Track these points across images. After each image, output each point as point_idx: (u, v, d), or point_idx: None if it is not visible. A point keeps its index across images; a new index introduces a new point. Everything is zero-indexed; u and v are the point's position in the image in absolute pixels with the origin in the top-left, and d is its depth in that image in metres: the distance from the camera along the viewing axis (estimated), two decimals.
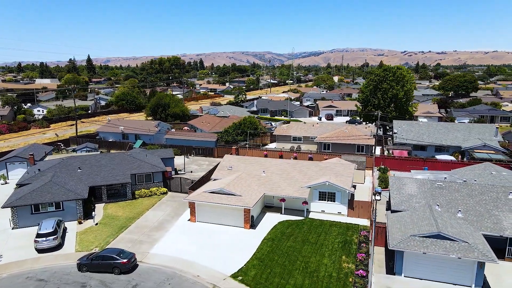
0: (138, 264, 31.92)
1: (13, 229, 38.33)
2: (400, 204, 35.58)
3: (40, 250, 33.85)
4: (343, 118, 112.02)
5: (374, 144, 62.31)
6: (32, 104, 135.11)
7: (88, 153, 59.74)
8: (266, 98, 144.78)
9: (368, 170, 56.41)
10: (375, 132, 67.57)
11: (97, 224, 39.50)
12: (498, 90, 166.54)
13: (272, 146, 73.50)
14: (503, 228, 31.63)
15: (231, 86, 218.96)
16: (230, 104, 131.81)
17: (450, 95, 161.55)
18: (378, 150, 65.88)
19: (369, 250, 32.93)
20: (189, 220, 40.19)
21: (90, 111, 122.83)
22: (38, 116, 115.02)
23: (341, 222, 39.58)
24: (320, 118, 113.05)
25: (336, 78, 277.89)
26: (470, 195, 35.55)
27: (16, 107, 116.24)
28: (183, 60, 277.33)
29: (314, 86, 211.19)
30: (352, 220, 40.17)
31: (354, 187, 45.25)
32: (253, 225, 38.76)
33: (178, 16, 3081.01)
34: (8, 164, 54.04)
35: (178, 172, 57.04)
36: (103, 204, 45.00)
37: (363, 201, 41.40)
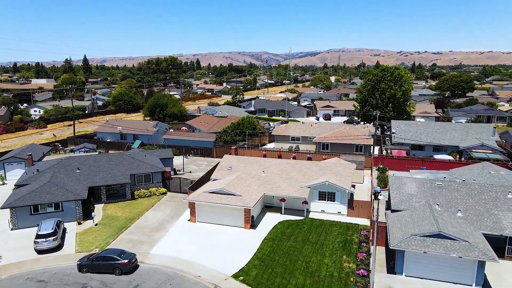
0: (138, 264, 31.85)
1: (12, 230, 38.15)
2: (400, 203, 35.70)
3: (39, 251, 33.69)
4: (341, 118, 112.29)
5: (373, 144, 62.46)
6: (28, 104, 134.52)
7: (86, 153, 59.47)
8: (263, 98, 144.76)
9: (366, 170, 56.59)
10: (374, 132, 67.70)
11: (96, 224, 39.36)
12: (494, 90, 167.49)
13: (270, 146, 73.55)
14: (503, 227, 31.81)
15: (228, 86, 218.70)
16: (227, 104, 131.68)
17: (447, 95, 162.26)
18: (376, 150, 66.07)
19: (369, 250, 33.04)
20: (189, 220, 40.13)
21: (87, 112, 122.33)
22: (35, 116, 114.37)
23: (341, 221, 39.67)
24: (318, 118, 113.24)
25: (333, 78, 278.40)
26: (469, 195, 35.73)
27: (12, 108, 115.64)
28: (180, 60, 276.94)
29: (311, 86, 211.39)
30: (352, 219, 40.26)
31: (353, 187, 45.30)
32: (253, 225, 38.75)
33: (174, 16, 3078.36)
34: (6, 164, 53.71)
35: (177, 172, 56.93)
36: (102, 204, 44.84)
37: (363, 200, 41.49)
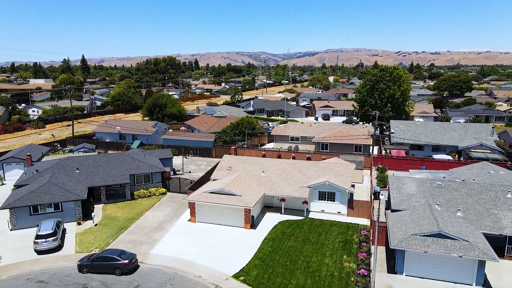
0: (139, 265, 31.79)
1: (11, 230, 38.03)
2: (400, 203, 35.76)
3: (39, 252, 33.59)
4: (340, 118, 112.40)
5: (372, 144, 62.55)
6: (26, 104, 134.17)
7: (85, 153, 59.35)
8: (262, 98, 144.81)
9: (366, 170, 56.66)
10: (373, 132, 67.79)
11: (96, 225, 39.28)
12: (492, 90, 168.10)
13: (270, 146, 73.58)
14: (502, 226, 31.91)
15: (227, 86, 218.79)
16: (226, 104, 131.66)
17: (445, 95, 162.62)
18: (375, 150, 66.15)
19: (369, 250, 33.09)
20: (189, 220, 40.09)
21: (85, 112, 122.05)
22: (33, 116, 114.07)
23: (341, 221, 39.70)
24: (316, 118, 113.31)
25: (331, 78, 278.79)
26: (469, 194, 35.82)
27: (10, 108, 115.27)
28: (178, 60, 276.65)
29: (310, 86, 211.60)
30: (352, 219, 40.30)
31: (353, 187, 45.40)
32: (253, 225, 38.75)
33: (173, 16, 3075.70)
34: (4, 165, 53.53)
35: (176, 172, 56.88)
36: (102, 204, 44.74)
37: (363, 200, 41.53)
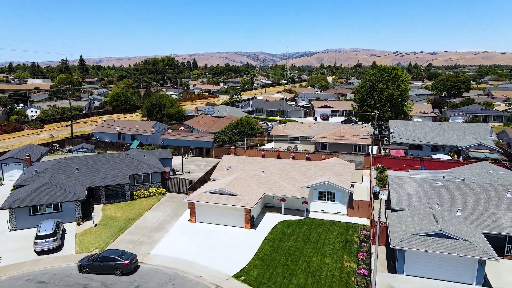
0: (139, 265, 31.75)
1: (11, 231, 37.93)
2: (400, 203, 35.83)
3: (39, 252, 33.52)
4: (338, 118, 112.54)
5: (371, 144, 62.64)
6: (25, 104, 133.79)
7: (84, 154, 59.24)
8: (261, 98, 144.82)
9: (365, 170, 56.73)
10: (372, 132, 67.87)
11: (96, 225, 39.20)
12: (490, 90, 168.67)
13: (269, 146, 73.60)
14: (502, 226, 32.00)
15: (226, 87, 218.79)
16: (225, 104, 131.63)
17: (443, 95, 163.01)
18: (374, 150, 66.23)
19: (370, 249, 33.12)
20: (189, 220, 40.05)
21: (84, 112, 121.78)
22: (32, 116, 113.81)
23: (341, 221, 39.74)
24: (315, 118, 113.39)
25: (330, 78, 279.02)
26: (468, 194, 35.92)
27: (9, 108, 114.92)
28: (177, 60, 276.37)
29: (308, 86, 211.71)
30: (351, 219, 40.34)
31: (353, 187, 45.47)
32: (253, 225, 38.75)
33: (171, 16, 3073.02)
34: (3, 165, 53.37)
35: (176, 172, 56.83)
36: (102, 205, 44.67)
37: (363, 200, 41.59)
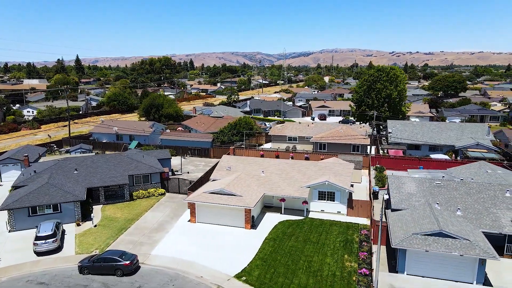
0: (140, 265, 31.67)
1: (10, 232, 37.73)
2: (400, 202, 35.96)
3: (39, 253, 33.36)
4: (336, 118, 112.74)
5: (370, 143, 62.82)
6: (21, 105, 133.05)
7: (82, 154, 58.98)
8: (258, 98, 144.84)
9: (364, 170, 56.87)
10: (370, 132, 68.04)
11: (96, 226, 39.06)
12: (486, 90, 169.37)
13: (267, 146, 73.60)
14: (502, 225, 32.20)
15: (223, 87, 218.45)
16: (223, 104, 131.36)
17: (440, 95, 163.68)
18: (372, 150, 66.34)
19: (370, 249, 33.21)
20: (189, 221, 39.99)
21: (81, 112, 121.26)
22: (28, 117, 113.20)
23: (341, 221, 39.81)
24: (313, 118, 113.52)
25: (326, 79, 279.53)
26: (468, 194, 36.10)
27: (5, 108, 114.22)
28: (174, 60, 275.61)
29: (306, 87, 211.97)
30: (351, 219, 40.43)
31: (352, 187, 45.55)
32: (253, 225, 38.75)
33: (167, 16, 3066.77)
34: (1, 166, 53.05)
35: (175, 173, 56.71)
36: (101, 205, 44.52)
37: (363, 200, 41.70)
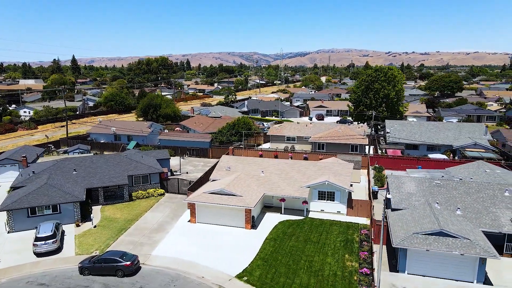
0: (141, 266, 31.58)
1: (8, 233, 37.51)
2: (400, 202, 36.08)
3: (39, 254, 33.19)
4: (334, 118, 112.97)
5: (368, 143, 63.00)
6: (17, 105, 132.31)
7: (80, 154, 58.74)
8: (256, 98, 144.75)
9: (363, 170, 57.02)
10: (369, 132, 68.26)
11: (95, 226, 38.91)
12: (482, 90, 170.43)
13: (266, 146, 73.63)
14: (501, 224, 32.39)
15: (220, 87, 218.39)
16: (220, 104, 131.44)
17: (436, 95, 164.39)
18: (371, 150, 66.52)
19: (371, 249, 33.30)
20: (189, 221, 39.93)
21: (78, 112, 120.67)
22: (25, 117, 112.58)
23: (341, 221, 39.90)
24: (311, 118, 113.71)
25: (323, 79, 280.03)
26: (467, 193, 36.28)
27: (1, 109, 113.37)
28: (170, 60, 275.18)
29: (303, 87, 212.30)
30: (351, 219, 40.54)
31: (351, 186, 45.62)
32: (254, 225, 38.75)
33: (164, 16, 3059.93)
34: None
35: (174, 173, 56.61)
36: (100, 206, 44.36)
37: (362, 200, 41.81)
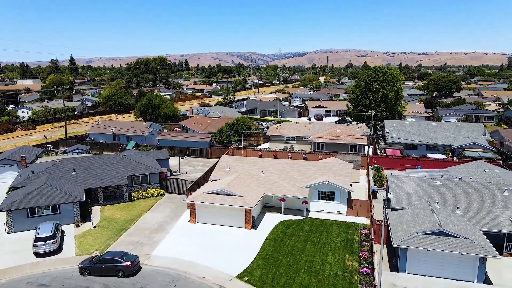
0: (141, 266, 31.54)
1: (8, 233, 37.40)
2: (400, 202, 36.15)
3: (38, 255, 33.10)
4: (333, 118, 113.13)
5: (368, 143, 63.08)
6: (15, 105, 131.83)
7: (80, 155, 58.62)
8: (254, 98, 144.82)
9: (362, 170, 57.08)
10: (368, 131, 68.36)
11: (95, 226, 38.84)
12: (480, 90, 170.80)
13: (265, 146, 73.64)
14: (501, 224, 32.50)
15: (218, 87, 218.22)
16: (219, 104, 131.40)
17: (434, 95, 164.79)
18: (370, 150, 66.63)
19: (371, 248, 33.35)
20: (189, 221, 39.90)
21: (76, 113, 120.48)
22: (23, 117, 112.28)
23: (341, 221, 39.95)
24: (309, 118, 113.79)
25: (322, 79, 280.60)
26: (467, 193, 36.39)
27: None
28: (169, 60, 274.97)
29: (301, 87, 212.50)
30: (351, 218, 40.59)
31: (351, 186, 45.67)
32: (254, 225, 38.75)
33: (162, 16, 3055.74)
34: None
35: (173, 173, 56.56)
36: (100, 206, 44.27)
37: (362, 200, 41.87)
